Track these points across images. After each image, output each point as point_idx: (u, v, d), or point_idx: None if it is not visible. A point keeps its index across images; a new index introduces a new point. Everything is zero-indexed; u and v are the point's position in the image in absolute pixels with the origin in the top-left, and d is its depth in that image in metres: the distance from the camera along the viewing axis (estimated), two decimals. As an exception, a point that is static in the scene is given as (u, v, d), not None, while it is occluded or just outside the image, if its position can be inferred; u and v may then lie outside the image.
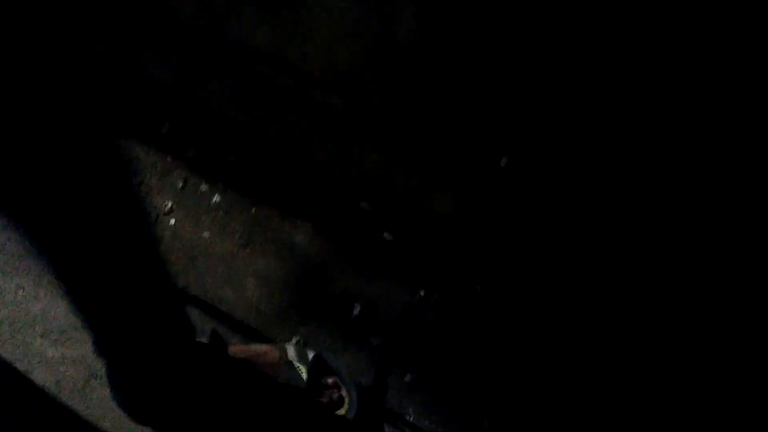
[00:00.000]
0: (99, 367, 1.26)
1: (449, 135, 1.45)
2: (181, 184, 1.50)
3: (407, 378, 1.39)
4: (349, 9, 1.42)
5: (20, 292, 1.35)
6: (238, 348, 1.29)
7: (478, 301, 1.46)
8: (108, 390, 1.21)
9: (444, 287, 1.47)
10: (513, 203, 1.46)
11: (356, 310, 1.44)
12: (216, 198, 1.50)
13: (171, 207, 1.48)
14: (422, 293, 1.46)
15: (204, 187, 1.51)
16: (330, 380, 1.33)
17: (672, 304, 1.45)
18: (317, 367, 1.33)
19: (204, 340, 1.28)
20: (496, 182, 1.44)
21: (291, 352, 1.33)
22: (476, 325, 1.45)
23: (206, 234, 1.47)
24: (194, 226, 1.47)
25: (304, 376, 1.31)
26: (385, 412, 1.35)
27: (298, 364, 1.32)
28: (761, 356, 1.36)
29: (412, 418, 1.36)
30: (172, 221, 1.47)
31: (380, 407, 1.36)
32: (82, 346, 1.30)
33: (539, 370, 1.41)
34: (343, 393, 1.33)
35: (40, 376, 1.28)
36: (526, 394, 1.39)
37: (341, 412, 1.32)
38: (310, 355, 1.34)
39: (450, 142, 1.47)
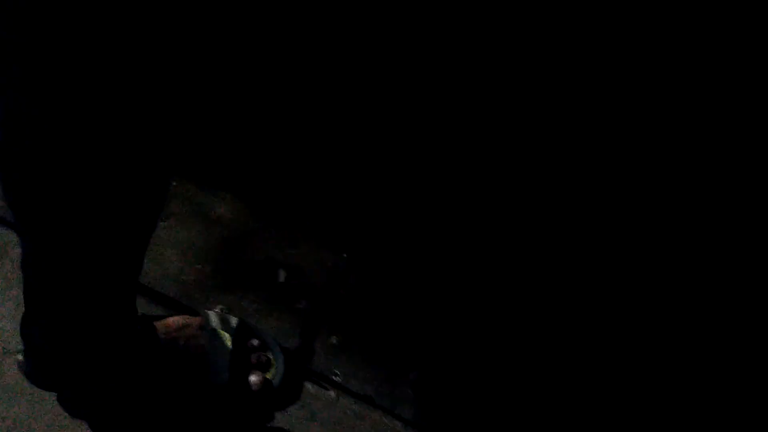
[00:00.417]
0: (15, 343, 1.23)
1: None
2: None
3: (333, 340, 1.41)
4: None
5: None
6: (157, 324, 1.27)
7: (400, 261, 1.49)
8: (24, 368, 1.19)
9: (367, 248, 1.49)
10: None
11: (281, 276, 1.45)
12: (133, 172, 1.48)
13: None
14: (345, 256, 1.48)
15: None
16: (255, 342, 1.33)
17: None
18: (241, 333, 1.33)
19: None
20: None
21: (214, 320, 1.33)
22: (399, 283, 1.47)
23: (124, 208, 1.45)
24: (112, 201, 1.45)
25: (229, 343, 1.31)
26: (312, 375, 1.36)
27: (222, 332, 1.32)
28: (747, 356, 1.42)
29: (339, 379, 1.37)
30: (89, 197, 1.44)
31: (307, 370, 1.37)
32: (-5, 323, 1.27)
33: (462, 323, 1.44)
34: (270, 355, 1.33)
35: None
36: (452, 346, 1.42)
37: (268, 375, 1.32)
38: (234, 322, 1.33)
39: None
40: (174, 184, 1.50)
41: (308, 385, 1.35)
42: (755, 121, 1.39)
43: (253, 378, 1.29)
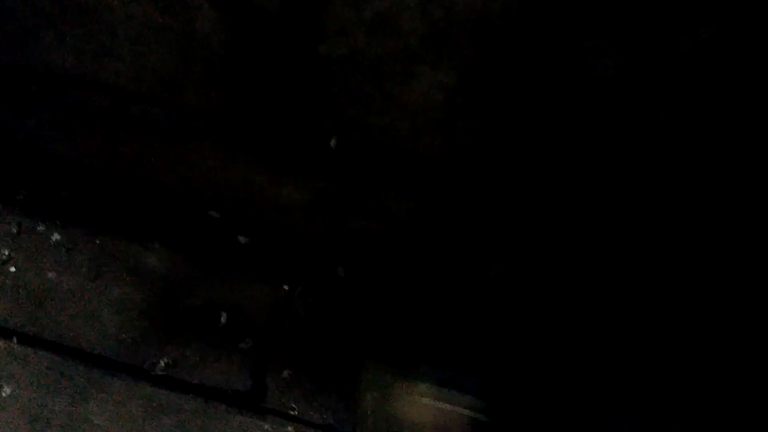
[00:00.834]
0: None
1: (278, 125, 1.44)
2: (15, 229, 1.43)
3: (285, 374, 1.39)
4: (149, 12, 1.37)
5: None
6: None
7: (343, 284, 1.47)
8: None
9: (306, 277, 1.47)
10: (347, 179, 1.46)
11: (223, 318, 1.42)
12: (55, 236, 1.44)
13: (9, 255, 1.41)
14: (286, 288, 1.46)
15: (41, 227, 1.44)
16: None
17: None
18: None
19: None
20: (329, 162, 1.43)
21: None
22: (344, 306, 1.45)
23: (51, 275, 1.41)
24: (37, 269, 1.41)
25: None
26: (267, 413, 1.35)
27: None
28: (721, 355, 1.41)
29: (297, 413, 1.36)
30: (12, 269, 1.40)
31: (261, 409, 1.35)
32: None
33: (409, 337, 1.43)
34: None
35: None
36: (405, 359, 1.41)
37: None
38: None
39: (279, 131, 1.45)
40: (98, 241, 1.46)
41: (266, 426, 1.33)
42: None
43: None
